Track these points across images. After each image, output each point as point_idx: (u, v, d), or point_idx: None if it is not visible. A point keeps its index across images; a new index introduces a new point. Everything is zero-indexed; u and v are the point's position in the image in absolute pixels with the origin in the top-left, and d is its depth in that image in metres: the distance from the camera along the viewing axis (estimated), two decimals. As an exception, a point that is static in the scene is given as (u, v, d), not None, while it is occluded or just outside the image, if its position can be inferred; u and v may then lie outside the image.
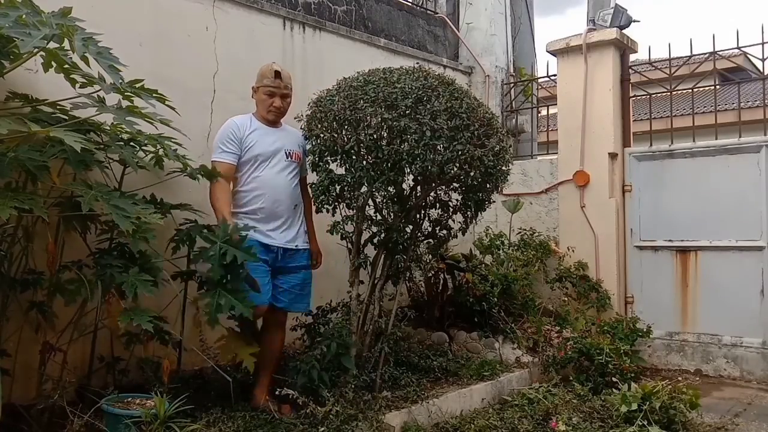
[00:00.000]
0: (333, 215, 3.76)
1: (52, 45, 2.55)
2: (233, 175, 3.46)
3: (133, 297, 2.86)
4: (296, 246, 3.54)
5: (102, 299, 2.94)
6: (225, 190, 3.39)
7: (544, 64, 8.69)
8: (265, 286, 3.33)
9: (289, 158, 3.57)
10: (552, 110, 6.97)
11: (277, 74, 3.54)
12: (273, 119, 3.59)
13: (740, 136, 5.12)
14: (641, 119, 6.83)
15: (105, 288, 2.88)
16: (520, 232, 5.75)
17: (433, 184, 3.72)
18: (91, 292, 2.86)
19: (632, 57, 5.87)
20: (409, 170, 3.51)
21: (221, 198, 3.35)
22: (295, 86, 4.71)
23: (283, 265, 3.50)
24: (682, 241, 5.29)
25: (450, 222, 3.94)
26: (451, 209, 3.90)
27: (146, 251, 3.06)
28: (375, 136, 3.41)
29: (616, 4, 5.62)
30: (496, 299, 4.70)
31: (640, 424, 3.35)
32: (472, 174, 3.46)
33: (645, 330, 4.83)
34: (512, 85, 6.73)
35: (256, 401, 3.33)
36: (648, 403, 3.43)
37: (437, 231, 3.97)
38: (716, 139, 5.24)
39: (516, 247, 5.55)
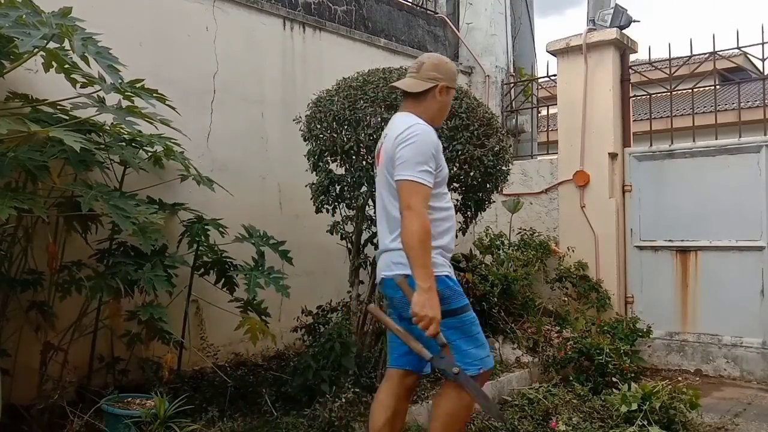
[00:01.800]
0: (333, 215, 3.76)
1: (52, 45, 2.55)
2: None
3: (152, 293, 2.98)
4: None
5: (110, 298, 2.96)
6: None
7: (544, 64, 8.72)
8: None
9: None
10: (552, 110, 6.97)
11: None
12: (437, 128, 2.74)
13: (740, 136, 5.12)
14: (641, 119, 6.83)
15: (116, 286, 2.92)
16: (520, 232, 5.75)
17: (433, 184, 3.71)
18: (100, 292, 2.89)
19: (632, 57, 5.87)
20: (409, 170, 3.51)
21: (429, 246, 2.42)
22: (294, 86, 4.73)
23: None
24: (682, 241, 5.28)
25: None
26: (451, 209, 3.90)
27: (157, 249, 3.11)
28: (375, 136, 3.41)
29: (616, 4, 5.62)
30: (496, 299, 4.70)
31: (640, 424, 3.35)
32: (471, 174, 3.47)
33: (645, 330, 4.83)
34: (512, 85, 6.73)
35: None
36: (648, 403, 3.43)
37: (437, 231, 3.96)
38: (716, 139, 5.24)
39: (516, 247, 5.55)
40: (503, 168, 3.68)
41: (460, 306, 2.49)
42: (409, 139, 2.46)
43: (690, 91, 5.50)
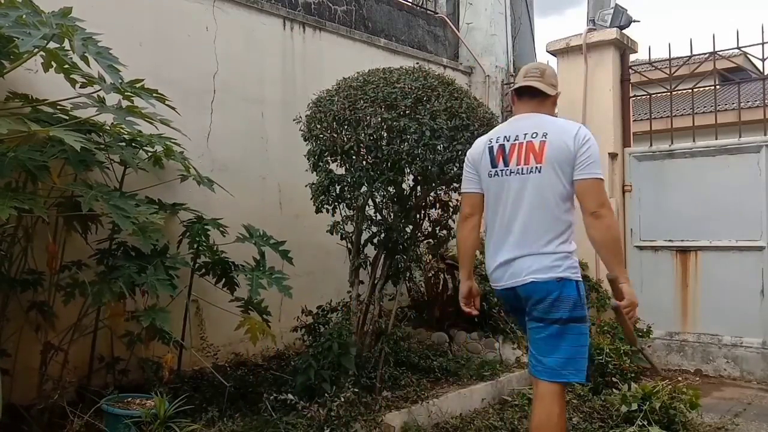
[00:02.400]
0: (333, 215, 3.76)
1: (52, 45, 2.55)
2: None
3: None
4: None
5: (114, 300, 2.96)
6: None
7: (544, 64, 8.70)
8: None
9: None
10: (552, 110, 6.96)
11: None
12: None
13: (740, 136, 5.12)
14: (641, 119, 6.83)
15: (119, 291, 2.91)
16: (520, 232, 5.74)
17: (433, 184, 3.72)
18: (104, 296, 2.88)
19: (632, 57, 5.87)
20: (409, 170, 3.51)
21: None
22: (294, 86, 4.72)
23: None
24: (682, 241, 5.28)
25: (450, 222, 3.95)
26: (451, 209, 3.91)
27: (158, 249, 3.10)
28: (375, 136, 3.41)
29: (616, 4, 5.62)
30: (495, 299, 4.69)
31: (640, 424, 3.35)
32: (472, 174, 3.46)
33: (645, 330, 4.83)
34: (512, 85, 6.71)
35: None
36: (648, 403, 3.43)
37: (437, 231, 3.97)
38: (716, 139, 5.24)
39: (516, 247, 5.53)
40: (503, 168, 3.66)
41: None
42: (589, 140, 2.61)
43: (690, 91, 5.50)
